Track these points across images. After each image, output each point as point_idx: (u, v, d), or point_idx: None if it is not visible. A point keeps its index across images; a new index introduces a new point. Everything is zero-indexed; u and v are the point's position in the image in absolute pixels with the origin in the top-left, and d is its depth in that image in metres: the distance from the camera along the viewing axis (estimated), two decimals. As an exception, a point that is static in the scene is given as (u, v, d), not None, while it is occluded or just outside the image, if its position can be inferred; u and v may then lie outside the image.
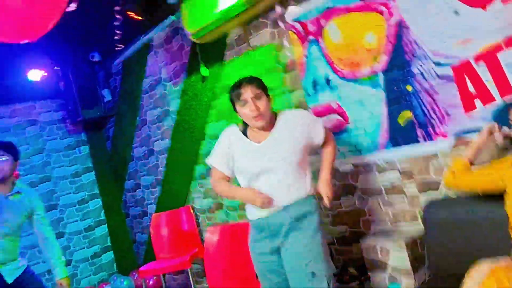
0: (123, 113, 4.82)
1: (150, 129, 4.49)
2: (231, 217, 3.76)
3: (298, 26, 2.82)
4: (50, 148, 4.92)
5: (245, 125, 2.15)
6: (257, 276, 2.21)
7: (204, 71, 3.61)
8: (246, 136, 2.14)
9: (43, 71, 4.65)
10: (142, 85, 4.44)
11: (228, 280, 2.81)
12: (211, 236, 2.87)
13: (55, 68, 4.79)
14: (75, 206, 4.97)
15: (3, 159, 2.64)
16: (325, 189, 2.13)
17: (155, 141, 4.45)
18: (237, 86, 2.07)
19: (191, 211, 4.13)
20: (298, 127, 2.11)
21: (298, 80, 2.93)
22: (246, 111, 2.04)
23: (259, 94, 2.05)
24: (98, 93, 4.85)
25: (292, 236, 2.04)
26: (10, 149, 2.72)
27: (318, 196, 2.17)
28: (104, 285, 4.75)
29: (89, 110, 4.77)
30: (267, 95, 2.10)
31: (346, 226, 2.92)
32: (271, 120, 2.10)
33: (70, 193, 4.96)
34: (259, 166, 2.07)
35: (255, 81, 2.08)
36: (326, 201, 2.11)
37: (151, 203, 4.73)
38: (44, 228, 2.88)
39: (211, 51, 3.53)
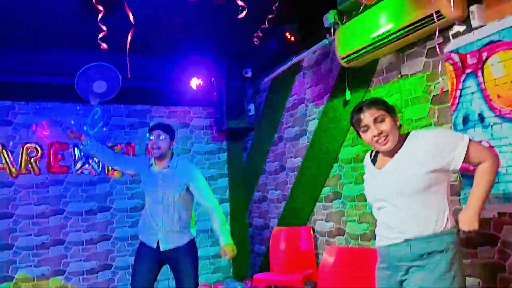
0: (263, 128, 5.09)
1: (285, 146, 4.65)
2: (351, 245, 3.66)
3: (455, 57, 2.69)
4: (195, 150, 5.41)
5: None
6: None
7: (348, 95, 3.64)
8: (376, 160, 2.05)
9: (201, 81, 5.18)
10: (285, 103, 4.64)
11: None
12: (328, 257, 2.82)
13: (212, 79, 5.30)
14: (206, 206, 5.35)
15: (162, 138, 2.95)
16: (468, 223, 1.83)
17: (288, 158, 4.59)
18: (356, 111, 1.95)
19: (311, 232, 4.13)
20: (425, 150, 1.86)
21: (448, 114, 2.77)
22: (368, 136, 1.93)
23: (381, 116, 1.90)
24: (244, 106, 5.22)
25: (414, 275, 1.86)
26: (168, 130, 3.02)
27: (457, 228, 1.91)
28: (218, 286, 4.98)
29: (233, 121, 5.15)
30: (393, 116, 1.94)
31: (479, 279, 2.62)
32: (399, 143, 1.93)
33: (204, 193, 5.36)
34: (375, 195, 1.98)
35: (375, 104, 1.94)
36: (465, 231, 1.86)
37: (274, 217, 4.85)
38: (204, 198, 3.00)
39: (358, 76, 3.55)
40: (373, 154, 2.10)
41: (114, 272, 4.78)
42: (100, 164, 4.86)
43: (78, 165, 4.78)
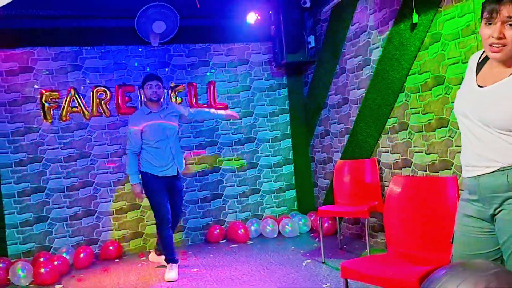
0: (324, 60, 4.93)
1: (347, 78, 4.50)
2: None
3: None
4: (255, 87, 5.40)
5: None
6: (452, 240, 1.85)
7: (415, 18, 3.39)
8: (479, 68, 1.72)
9: (258, 15, 5.05)
10: (347, 33, 4.43)
11: (409, 238, 2.64)
12: (394, 187, 2.77)
13: (269, 12, 5.15)
14: (269, 142, 5.42)
15: (159, 86, 3.87)
16: None
17: (351, 90, 4.45)
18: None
19: (376, 164, 4.07)
20: None
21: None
22: (486, 33, 1.58)
23: None
24: (303, 39, 5.06)
25: (510, 207, 1.61)
26: (161, 79, 3.94)
27: None
28: (284, 218, 5.14)
29: (293, 55, 5.03)
30: None
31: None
32: None
33: (266, 130, 5.41)
34: (465, 112, 1.70)
35: None
36: None
37: (337, 151, 4.82)
38: (184, 111, 4.10)
39: (427, -4, 3.28)
40: (482, 57, 1.75)
41: (184, 206, 5.07)
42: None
43: (145, 106, 4.97)
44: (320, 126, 5.16)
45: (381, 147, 4.05)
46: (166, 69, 5.06)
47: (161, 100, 3.96)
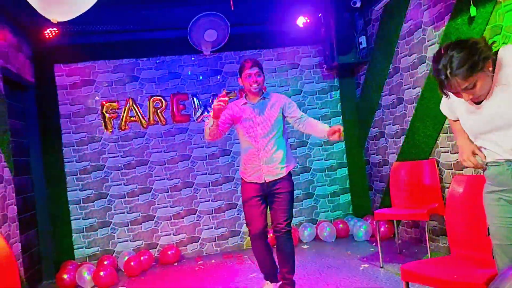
0: (377, 60, 4.82)
1: (402, 77, 4.37)
2: (482, 176, 3.39)
3: None
4: (306, 90, 5.37)
5: None
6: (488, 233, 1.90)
7: (473, 11, 3.25)
8: None
9: (307, 18, 5.04)
10: (400, 31, 4.31)
11: (473, 240, 2.49)
12: (456, 187, 2.64)
13: (319, 15, 5.12)
14: (321, 146, 5.36)
15: (259, 74, 3.19)
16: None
17: (406, 89, 4.31)
18: (443, 78, 1.78)
19: (435, 165, 3.91)
20: None
21: None
22: (462, 99, 1.83)
23: (472, 83, 1.72)
24: (355, 40, 4.98)
25: None
26: (262, 67, 3.24)
27: None
28: (339, 223, 5.05)
29: (344, 56, 4.96)
30: (484, 69, 1.72)
31: None
32: (492, 67, 1.77)
33: (318, 133, 5.35)
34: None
35: (461, 71, 1.70)
36: None
37: (392, 153, 4.68)
38: (294, 111, 3.22)
39: (485, -13, 3.13)
40: None
41: (239, 211, 5.11)
42: (218, 111, 5.08)
43: (198, 113, 5.08)
44: (374, 128, 5.04)
45: (440, 147, 3.88)
46: (218, 77, 5.16)
47: (262, 90, 3.28)
